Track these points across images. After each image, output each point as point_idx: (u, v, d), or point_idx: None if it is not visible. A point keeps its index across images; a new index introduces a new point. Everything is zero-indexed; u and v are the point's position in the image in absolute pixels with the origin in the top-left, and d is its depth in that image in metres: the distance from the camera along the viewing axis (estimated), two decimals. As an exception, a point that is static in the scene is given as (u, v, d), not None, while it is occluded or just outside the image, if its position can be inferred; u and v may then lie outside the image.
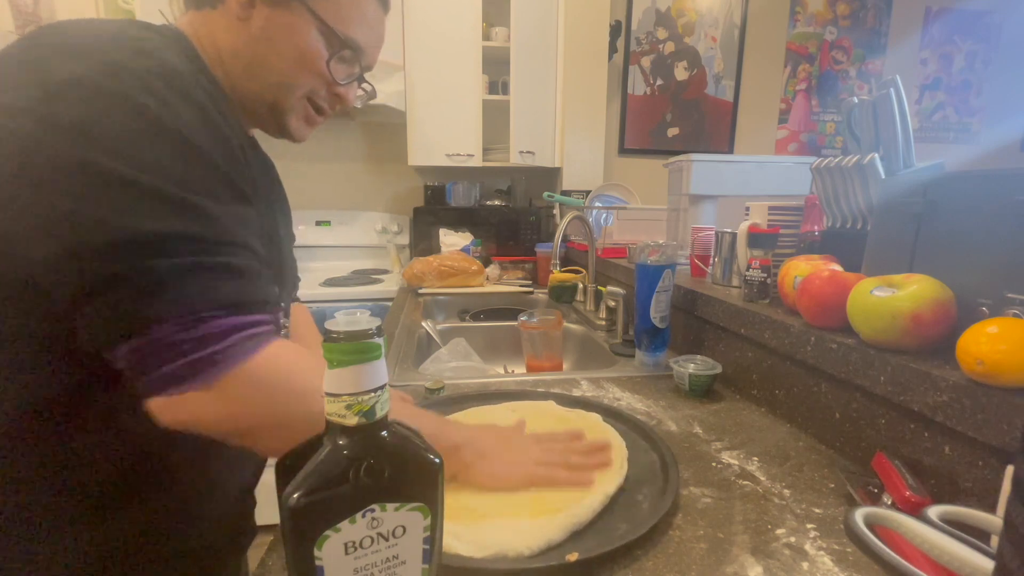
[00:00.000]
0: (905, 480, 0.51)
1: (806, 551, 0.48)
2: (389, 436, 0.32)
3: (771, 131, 2.84)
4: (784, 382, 0.78)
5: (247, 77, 0.56)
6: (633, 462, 0.61)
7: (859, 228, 0.82)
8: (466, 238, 2.19)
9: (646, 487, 0.58)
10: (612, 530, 0.50)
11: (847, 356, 0.62)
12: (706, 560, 0.47)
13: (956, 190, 0.61)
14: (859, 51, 2.80)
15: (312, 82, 0.58)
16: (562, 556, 0.45)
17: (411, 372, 1.02)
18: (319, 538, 0.29)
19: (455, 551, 0.45)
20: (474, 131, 2.27)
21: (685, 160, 1.33)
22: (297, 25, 0.55)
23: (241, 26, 0.54)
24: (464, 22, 2.17)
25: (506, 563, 0.44)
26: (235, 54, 0.55)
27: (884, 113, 0.76)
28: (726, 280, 1.05)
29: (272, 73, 0.56)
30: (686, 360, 0.88)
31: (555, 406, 0.77)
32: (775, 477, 0.61)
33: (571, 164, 2.40)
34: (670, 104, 2.71)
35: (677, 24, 2.64)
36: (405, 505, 0.32)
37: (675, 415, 0.79)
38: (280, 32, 0.54)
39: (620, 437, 0.66)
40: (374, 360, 0.30)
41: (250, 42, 0.55)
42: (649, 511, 0.53)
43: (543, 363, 1.15)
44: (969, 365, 0.48)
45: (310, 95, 0.59)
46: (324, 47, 0.57)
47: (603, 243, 1.73)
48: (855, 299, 0.61)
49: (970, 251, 0.58)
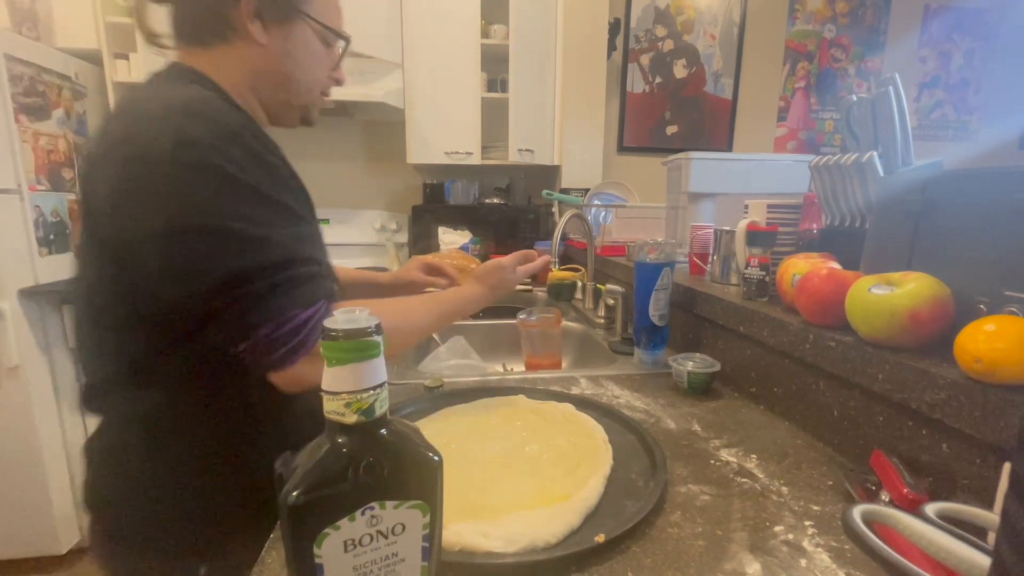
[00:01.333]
0: (903, 477, 0.51)
1: (804, 548, 0.48)
2: (388, 434, 0.32)
3: (770, 129, 2.84)
4: (782, 380, 0.78)
5: (277, 90, 0.67)
6: (614, 444, 0.65)
7: (857, 226, 0.82)
8: (465, 236, 2.19)
9: (635, 464, 0.62)
10: (621, 507, 0.53)
11: (845, 354, 0.63)
12: (704, 557, 0.47)
13: (954, 188, 0.61)
14: (858, 49, 2.80)
15: (324, 77, 0.70)
16: (583, 539, 0.47)
17: (410, 370, 1.02)
18: (319, 536, 0.29)
19: (487, 549, 0.45)
20: (473, 129, 2.26)
21: (684, 158, 1.33)
22: (305, 34, 0.65)
23: (261, 50, 0.63)
24: (463, 20, 2.17)
25: (540, 554, 0.45)
26: (260, 75, 0.65)
27: (883, 111, 0.76)
28: (725, 278, 1.05)
29: (300, 80, 0.67)
30: (685, 358, 0.89)
31: (526, 399, 0.79)
32: (773, 474, 0.61)
33: (570, 162, 2.40)
34: (669, 102, 2.71)
35: (676, 22, 2.64)
36: (404, 503, 0.32)
37: (674, 413, 0.79)
38: (296, 45, 0.65)
39: (596, 423, 0.70)
40: (373, 358, 0.30)
41: (274, 60, 0.64)
42: (645, 487, 0.57)
43: (542, 361, 1.15)
44: (967, 363, 0.48)
45: (324, 89, 0.71)
46: (323, 44, 0.68)
47: (602, 241, 1.73)
48: (853, 297, 0.61)
49: (968, 249, 0.58)
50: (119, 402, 0.62)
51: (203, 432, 0.62)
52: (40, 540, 1.74)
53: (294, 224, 0.58)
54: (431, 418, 0.73)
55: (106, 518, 0.65)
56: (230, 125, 0.55)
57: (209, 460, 0.63)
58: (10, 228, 1.61)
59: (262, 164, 0.56)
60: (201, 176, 0.52)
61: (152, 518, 0.62)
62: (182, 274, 0.53)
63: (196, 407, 0.61)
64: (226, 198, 0.53)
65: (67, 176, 1.83)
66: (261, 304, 0.53)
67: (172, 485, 0.62)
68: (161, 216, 0.52)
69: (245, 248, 0.53)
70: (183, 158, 0.51)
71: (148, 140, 0.52)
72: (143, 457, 0.62)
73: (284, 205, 0.58)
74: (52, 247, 1.75)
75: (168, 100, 0.55)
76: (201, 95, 0.57)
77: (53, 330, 1.74)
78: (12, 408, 1.64)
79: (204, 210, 0.52)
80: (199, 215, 0.52)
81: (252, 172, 0.55)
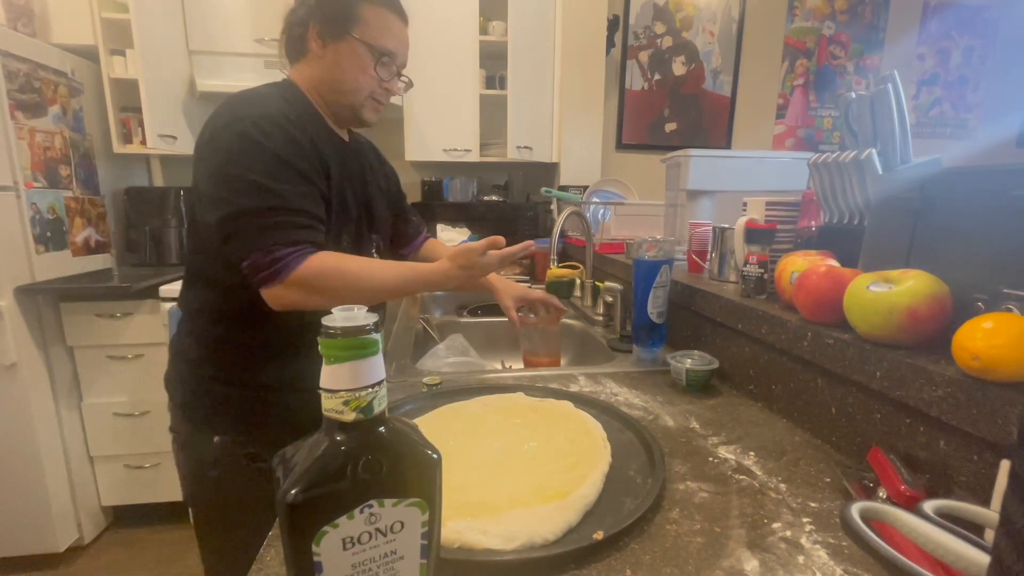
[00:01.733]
0: (900, 474, 0.51)
1: (802, 545, 0.48)
2: (387, 432, 0.32)
3: (769, 126, 2.84)
4: (781, 377, 0.78)
5: (333, 93, 0.88)
6: (613, 441, 0.65)
7: (856, 224, 0.82)
8: (463, 233, 2.19)
9: (633, 462, 0.62)
10: (619, 505, 0.53)
11: (843, 351, 0.63)
12: (703, 554, 0.47)
13: (953, 186, 0.61)
14: (857, 46, 2.80)
15: (369, 84, 0.88)
16: (582, 537, 0.47)
17: (409, 368, 1.02)
18: (317, 534, 0.29)
19: (485, 546, 0.45)
20: (471, 126, 2.26)
21: (683, 155, 1.33)
22: (353, 49, 0.86)
23: (321, 62, 0.87)
24: (461, 17, 2.16)
25: (538, 551, 0.45)
26: (323, 81, 0.88)
27: (882, 108, 0.76)
28: (723, 276, 1.05)
29: (345, 85, 0.87)
30: (683, 355, 0.89)
31: (524, 397, 0.79)
32: (771, 472, 0.61)
33: (569, 159, 2.40)
34: (668, 99, 2.70)
35: (675, 18, 2.63)
36: (403, 501, 0.32)
37: (672, 410, 0.79)
38: (344, 58, 0.86)
39: (595, 420, 0.70)
40: (371, 356, 0.30)
41: (329, 69, 0.87)
42: (643, 484, 0.56)
43: (540, 359, 1.15)
44: (965, 360, 0.48)
45: (371, 94, 0.90)
46: (370, 59, 0.87)
47: (601, 238, 1.73)
48: (852, 294, 0.61)
49: (966, 246, 0.58)
50: (189, 298, 0.89)
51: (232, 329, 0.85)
52: (38, 538, 1.74)
53: (300, 184, 0.78)
54: (430, 416, 0.73)
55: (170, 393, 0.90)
56: (269, 110, 0.78)
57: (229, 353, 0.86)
58: (6, 225, 1.60)
59: (287, 138, 0.77)
60: (239, 141, 0.75)
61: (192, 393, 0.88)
62: (214, 204, 0.76)
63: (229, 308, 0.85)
64: (252, 157, 0.75)
65: (64, 173, 1.82)
66: (256, 236, 0.74)
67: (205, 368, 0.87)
68: (211, 164, 0.76)
69: (256, 193, 0.74)
70: (232, 128, 0.75)
71: (216, 118, 0.78)
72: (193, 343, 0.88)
73: (296, 169, 0.77)
74: (49, 244, 1.75)
75: (243, 95, 0.81)
76: (267, 91, 0.83)
77: (50, 327, 1.73)
78: (9, 406, 1.63)
79: (236, 163, 0.74)
80: (232, 166, 0.74)
81: (276, 142, 0.76)
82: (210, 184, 0.76)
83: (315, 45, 0.86)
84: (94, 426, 1.86)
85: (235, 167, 0.74)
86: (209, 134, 0.77)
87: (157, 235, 2.12)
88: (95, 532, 1.92)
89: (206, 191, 0.77)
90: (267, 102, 0.80)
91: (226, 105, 0.79)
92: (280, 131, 0.77)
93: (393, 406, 0.75)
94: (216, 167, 0.75)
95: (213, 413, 0.86)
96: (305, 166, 0.79)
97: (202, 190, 0.78)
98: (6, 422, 1.64)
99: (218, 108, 0.80)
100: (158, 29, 1.92)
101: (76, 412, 1.84)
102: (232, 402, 0.86)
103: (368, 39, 0.85)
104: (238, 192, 0.74)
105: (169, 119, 2.00)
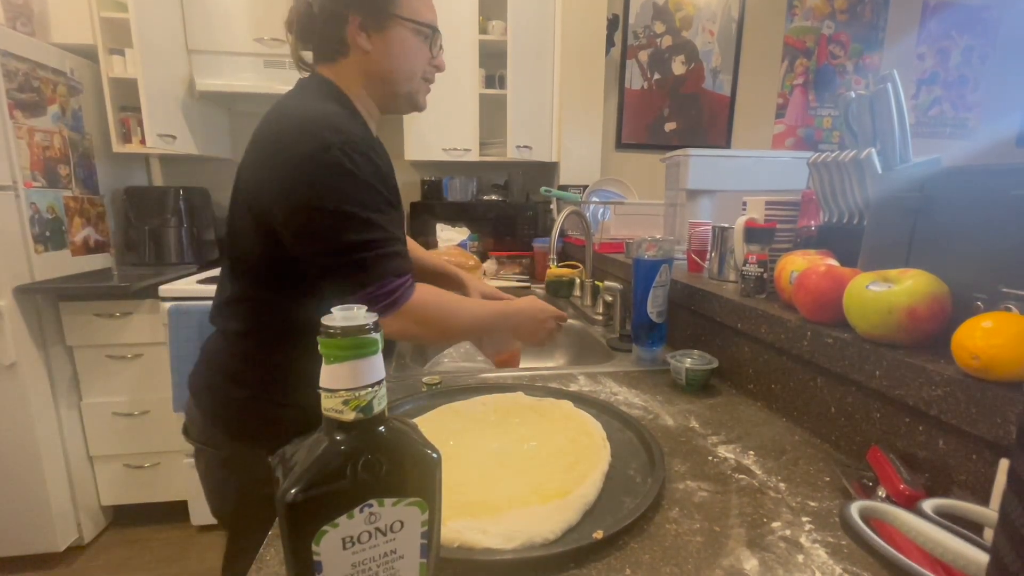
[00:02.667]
0: (900, 473, 0.51)
1: (801, 544, 0.48)
2: (387, 431, 0.32)
3: (768, 126, 2.84)
4: (780, 377, 0.78)
5: (385, 85, 0.85)
6: (612, 440, 0.65)
7: (856, 223, 0.82)
8: (463, 233, 2.18)
9: (633, 461, 0.62)
10: (619, 504, 0.53)
11: (843, 351, 0.63)
12: (702, 553, 0.47)
13: (952, 185, 0.61)
14: (856, 46, 2.80)
15: (422, 65, 0.87)
16: (581, 536, 0.47)
17: (409, 368, 1.02)
18: (317, 533, 0.29)
19: (484, 545, 0.45)
20: (471, 125, 2.26)
21: (682, 155, 1.33)
22: (400, 33, 0.82)
23: (368, 56, 0.82)
24: (461, 15, 2.16)
25: (538, 550, 0.45)
26: (371, 76, 0.84)
27: (881, 108, 0.76)
28: (723, 275, 1.05)
29: (401, 73, 0.85)
30: (683, 355, 0.89)
31: (524, 396, 0.79)
32: (771, 471, 0.62)
33: (568, 159, 2.40)
34: (667, 99, 2.70)
35: (675, 18, 2.63)
36: (403, 500, 0.32)
37: (672, 410, 0.79)
38: (395, 45, 0.83)
39: (594, 419, 0.70)
40: (371, 355, 0.30)
41: (378, 62, 0.83)
42: (643, 483, 0.56)
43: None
44: (964, 360, 0.48)
45: (423, 75, 0.88)
46: (419, 38, 0.84)
47: (600, 238, 1.73)
48: (851, 294, 0.61)
49: (966, 246, 0.58)
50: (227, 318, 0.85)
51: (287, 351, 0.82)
52: (37, 537, 1.74)
53: (390, 210, 0.78)
54: (429, 415, 0.73)
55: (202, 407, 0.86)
56: (353, 135, 0.74)
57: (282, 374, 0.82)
58: (6, 225, 1.60)
59: (371, 164, 0.75)
60: (330, 171, 0.71)
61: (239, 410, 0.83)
62: (310, 238, 0.73)
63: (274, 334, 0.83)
64: (346, 189, 0.72)
65: (63, 172, 1.82)
66: (368, 268, 0.73)
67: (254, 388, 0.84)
68: (301, 197, 0.72)
69: (356, 226, 0.73)
70: (320, 158, 0.71)
71: (295, 143, 0.72)
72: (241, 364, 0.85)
73: (384, 196, 0.76)
74: (48, 244, 1.74)
75: (311, 113, 0.75)
76: (335, 111, 0.78)
77: (50, 327, 1.73)
78: (9, 405, 1.63)
79: (329, 196, 0.71)
80: (326, 199, 0.71)
81: (364, 170, 0.73)
82: (301, 217, 0.72)
83: (360, 39, 0.81)
84: (93, 426, 1.86)
85: (331, 201, 0.71)
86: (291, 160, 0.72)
87: (156, 235, 2.12)
88: (95, 532, 1.92)
89: (295, 223, 0.73)
90: (341, 122, 0.75)
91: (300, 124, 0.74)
92: (365, 157, 0.74)
93: (393, 406, 0.75)
94: (307, 200, 0.71)
95: (263, 433, 0.82)
96: (388, 189, 0.78)
97: (285, 220, 0.73)
98: (6, 422, 1.64)
99: (284, 124, 0.75)
100: (157, 28, 1.92)
101: (76, 412, 1.84)
102: (284, 422, 0.82)
103: (413, 15, 0.82)
104: (338, 228, 0.72)
105: (168, 118, 2.00)
